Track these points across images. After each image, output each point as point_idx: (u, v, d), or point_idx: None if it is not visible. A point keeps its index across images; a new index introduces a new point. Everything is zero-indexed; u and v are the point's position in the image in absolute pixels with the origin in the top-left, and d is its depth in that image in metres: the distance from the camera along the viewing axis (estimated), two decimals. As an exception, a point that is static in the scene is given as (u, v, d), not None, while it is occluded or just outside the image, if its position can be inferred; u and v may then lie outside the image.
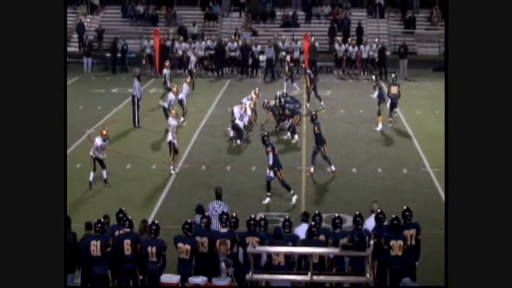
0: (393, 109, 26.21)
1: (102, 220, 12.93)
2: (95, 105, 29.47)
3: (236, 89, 32.62)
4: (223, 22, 43.62)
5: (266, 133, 19.78)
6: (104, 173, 19.57)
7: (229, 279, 12.52)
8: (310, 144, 21.99)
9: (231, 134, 24.13)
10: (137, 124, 25.99)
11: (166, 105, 24.98)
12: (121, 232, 13.00)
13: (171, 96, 25.37)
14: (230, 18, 44.03)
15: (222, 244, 12.75)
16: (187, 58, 35.04)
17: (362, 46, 37.13)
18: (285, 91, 28.07)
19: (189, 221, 13.06)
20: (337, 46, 37.37)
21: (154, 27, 41.03)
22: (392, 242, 12.75)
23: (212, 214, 14.66)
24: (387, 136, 25.11)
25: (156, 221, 13.20)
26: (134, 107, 25.97)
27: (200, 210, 14.39)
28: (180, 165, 21.51)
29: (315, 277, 12.40)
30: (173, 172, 20.68)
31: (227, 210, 14.48)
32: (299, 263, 12.92)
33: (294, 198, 18.47)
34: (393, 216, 13.02)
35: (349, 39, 38.82)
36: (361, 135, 25.24)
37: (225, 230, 13.22)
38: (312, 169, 20.69)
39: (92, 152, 19.45)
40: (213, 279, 12.45)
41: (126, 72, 36.67)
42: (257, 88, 27.15)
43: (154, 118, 26.56)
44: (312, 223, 13.21)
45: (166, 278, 12.57)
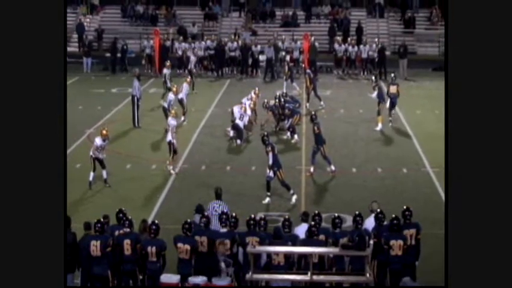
0: (392, 108, 26.24)
1: (102, 220, 12.93)
2: (95, 105, 29.46)
3: (236, 89, 32.61)
4: (222, 22, 43.59)
5: (266, 133, 19.79)
6: (104, 173, 19.57)
7: (229, 279, 12.52)
8: (310, 144, 21.98)
9: (231, 134, 24.12)
10: (137, 124, 25.98)
11: (166, 105, 24.97)
12: (121, 232, 13.00)
13: (171, 96, 25.37)
14: (230, 18, 44.00)
15: (221, 244, 12.75)
16: (187, 58, 35.02)
17: (362, 46, 37.11)
18: (285, 91, 28.06)
19: (189, 221, 13.06)
20: (337, 46, 37.35)
21: (154, 27, 41.01)
22: (392, 242, 12.74)
23: (212, 214, 14.67)
24: (387, 136, 25.11)
25: (156, 221, 13.19)
26: (134, 107, 25.96)
27: (200, 210, 14.38)
28: (180, 165, 21.51)
29: (315, 277, 12.40)
30: (173, 172, 20.67)
31: (227, 210, 14.48)
32: (299, 263, 12.92)
33: (294, 198, 18.47)
34: (393, 216, 13.02)
35: (349, 39, 38.81)
36: (361, 135, 25.23)
37: (225, 230, 13.23)
38: (312, 169, 20.69)
39: (92, 152, 19.44)
40: (213, 279, 12.45)
41: (126, 72, 36.67)
42: (257, 88, 27.15)
43: (154, 118, 26.55)
44: (312, 223, 13.21)
45: (166, 278, 12.57)
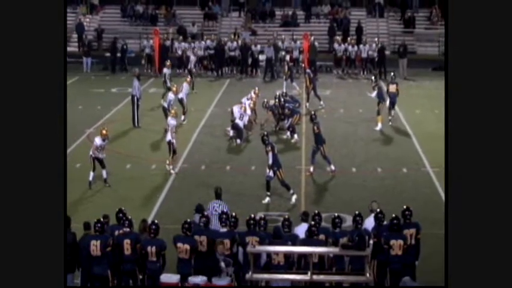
0: (392, 108, 26.24)
1: (102, 220, 12.93)
2: (94, 105, 29.45)
3: (236, 89, 32.60)
4: (222, 22, 43.58)
5: (266, 133, 19.79)
6: (103, 173, 19.57)
7: (228, 278, 12.52)
8: (309, 143, 21.99)
9: (231, 134, 24.12)
10: (136, 124, 25.97)
11: (166, 104, 24.97)
12: (121, 232, 13.00)
13: (171, 95, 25.36)
14: (229, 17, 43.99)
15: (220, 244, 12.76)
16: (187, 58, 35.01)
17: (362, 45, 37.09)
18: (285, 90, 28.05)
19: (189, 221, 13.06)
20: (336, 45, 37.34)
21: (154, 27, 40.98)
22: (392, 242, 12.74)
23: (212, 214, 14.67)
24: (386, 136, 25.10)
25: (156, 221, 13.19)
26: (133, 107, 25.96)
27: (200, 209, 14.38)
28: (180, 164, 21.51)
29: (315, 276, 12.40)
30: (172, 172, 20.67)
31: (227, 209, 14.48)
32: (299, 263, 12.92)
33: (294, 197, 18.46)
34: (393, 215, 13.02)
35: (348, 38, 38.79)
36: (360, 134, 25.23)
37: (225, 230, 13.23)
38: (312, 168, 20.69)
39: (91, 152, 19.44)
40: (213, 278, 12.45)
41: (126, 72, 36.66)
42: (257, 88, 27.16)
43: (154, 118, 26.54)
44: (312, 222, 13.21)
45: (166, 278, 12.57)
